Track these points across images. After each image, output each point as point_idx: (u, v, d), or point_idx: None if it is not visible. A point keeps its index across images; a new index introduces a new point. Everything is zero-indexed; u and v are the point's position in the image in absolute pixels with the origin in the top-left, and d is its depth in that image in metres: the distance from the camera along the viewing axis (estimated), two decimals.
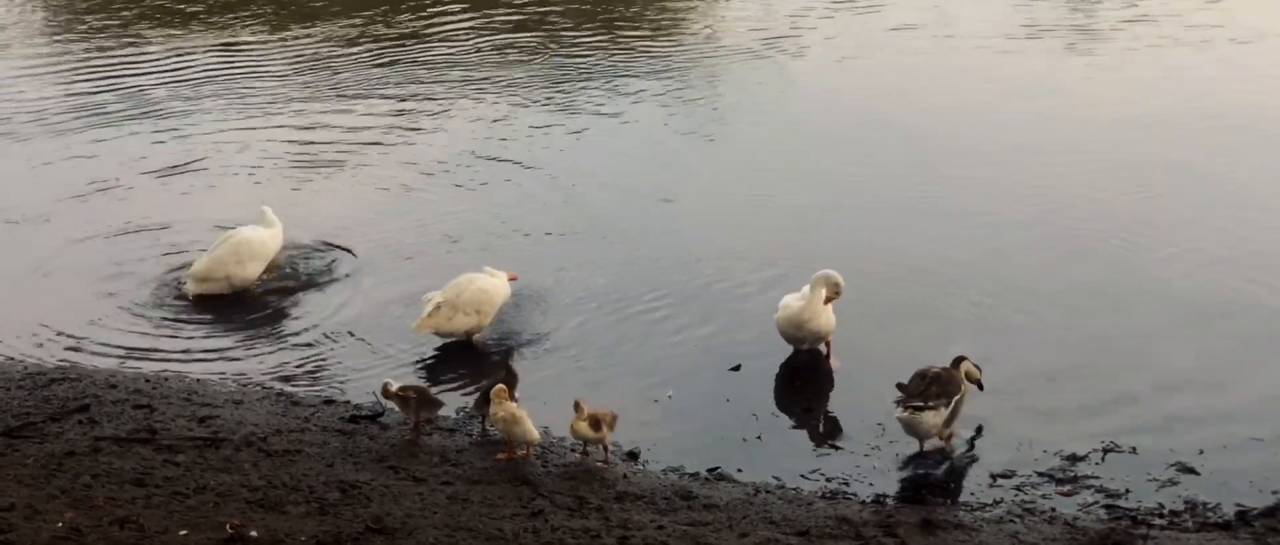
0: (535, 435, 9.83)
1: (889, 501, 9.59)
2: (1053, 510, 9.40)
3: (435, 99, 19.57)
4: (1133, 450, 10.15)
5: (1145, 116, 17.87)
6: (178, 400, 10.85)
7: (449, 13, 24.77)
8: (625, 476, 9.77)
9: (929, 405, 9.93)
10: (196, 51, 22.75)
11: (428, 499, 9.18)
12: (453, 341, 12.15)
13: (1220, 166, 15.97)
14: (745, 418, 10.82)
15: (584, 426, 9.79)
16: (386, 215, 15.24)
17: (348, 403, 11.01)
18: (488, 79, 20.61)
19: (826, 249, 13.47)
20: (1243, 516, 9.31)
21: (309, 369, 11.79)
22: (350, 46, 22.87)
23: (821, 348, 11.86)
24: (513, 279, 12.39)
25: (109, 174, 16.65)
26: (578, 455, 10.05)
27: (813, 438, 10.67)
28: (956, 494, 9.75)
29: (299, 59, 22.13)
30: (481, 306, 12.00)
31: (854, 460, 10.20)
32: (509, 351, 11.81)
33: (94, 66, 21.97)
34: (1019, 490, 9.72)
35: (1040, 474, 9.90)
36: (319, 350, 12.14)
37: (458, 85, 20.27)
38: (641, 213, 15.16)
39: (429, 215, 15.21)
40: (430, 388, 10.86)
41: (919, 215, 14.78)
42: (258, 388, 11.36)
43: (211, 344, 12.40)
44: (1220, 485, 9.69)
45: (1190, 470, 9.88)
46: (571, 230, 14.66)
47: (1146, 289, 12.95)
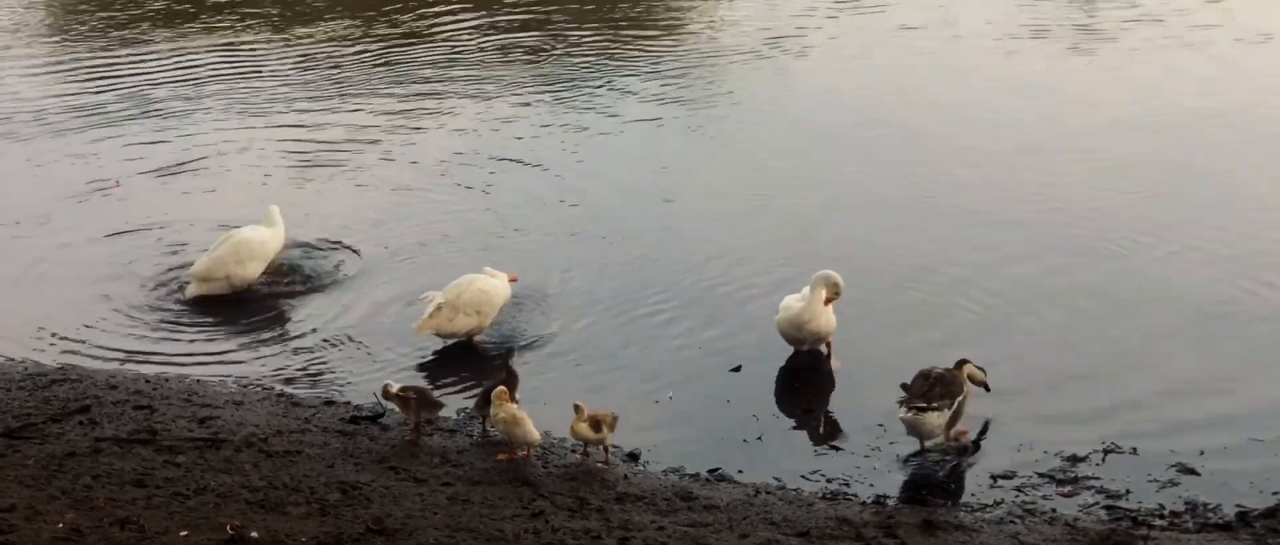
0: (536, 436, 9.83)
1: (890, 502, 9.58)
2: (1053, 511, 9.40)
3: (436, 99, 19.56)
4: (1133, 451, 10.15)
5: (1146, 116, 17.86)
6: (178, 401, 10.85)
7: (451, 13, 24.77)
8: (626, 477, 9.77)
9: (933, 406, 9.93)
10: (198, 51, 22.75)
11: (428, 500, 9.18)
12: (453, 342, 12.15)
13: (1221, 166, 15.96)
14: (746, 419, 10.82)
15: (584, 428, 9.80)
16: (387, 215, 15.24)
17: (348, 404, 11.01)
18: (490, 79, 20.61)
19: (827, 249, 13.48)
20: (1243, 517, 9.30)
21: (309, 370, 11.79)
22: (352, 46, 22.87)
23: (822, 348, 11.85)
24: (513, 280, 12.39)
25: (109, 174, 16.65)
26: (578, 456, 10.05)
27: (813, 438, 10.67)
28: (957, 495, 9.74)
29: (300, 59, 22.13)
30: (482, 307, 12.00)
31: (854, 461, 10.19)
32: (509, 352, 11.80)
33: (95, 66, 21.97)
34: (1020, 491, 9.72)
35: (1041, 475, 9.89)
36: (319, 351, 12.14)
37: (459, 85, 20.27)
38: (642, 213, 15.15)
39: (429, 215, 15.21)
40: (431, 388, 10.85)
41: (920, 216, 14.78)
42: (258, 389, 11.36)
43: (212, 345, 12.40)
44: (1221, 486, 9.68)
45: (1191, 471, 9.88)
46: (572, 231, 14.65)
47: (1147, 289, 12.94)
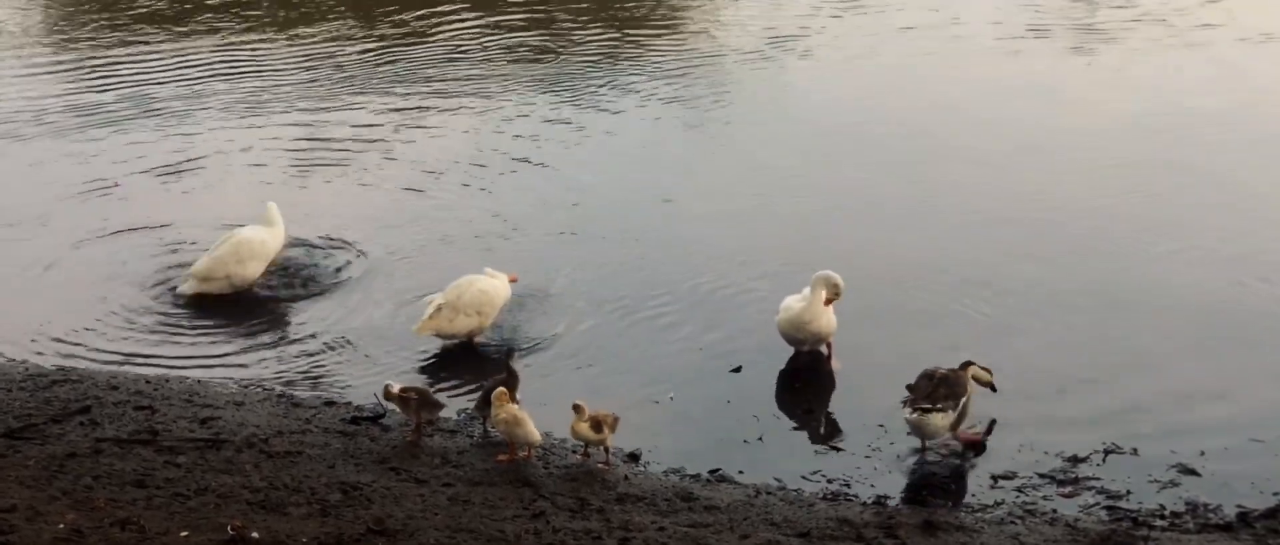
0: (536, 437, 9.83)
1: (890, 503, 9.59)
2: (1054, 512, 9.41)
3: (437, 99, 19.54)
4: (1134, 451, 10.16)
5: (1147, 117, 17.85)
6: (179, 402, 10.85)
7: (454, 12, 24.75)
8: (626, 478, 9.77)
9: (937, 407, 9.93)
10: (199, 51, 22.72)
11: (429, 500, 9.18)
12: (454, 343, 12.15)
13: (1222, 167, 15.96)
14: (746, 419, 10.82)
15: (585, 428, 9.80)
16: (388, 215, 15.23)
17: (349, 404, 11.01)
18: (492, 78, 20.59)
19: (828, 250, 13.46)
20: (1244, 518, 9.31)
21: (310, 370, 11.78)
22: (353, 46, 22.85)
23: (822, 349, 11.85)
24: (513, 281, 12.38)
25: (110, 174, 16.63)
26: (579, 457, 10.05)
27: (814, 439, 10.67)
28: (958, 495, 9.75)
29: (301, 58, 22.11)
30: (482, 308, 12.00)
31: (855, 461, 10.20)
32: (510, 353, 11.80)
33: (95, 66, 21.94)
34: (1020, 492, 9.72)
35: (1041, 475, 9.90)
36: (320, 352, 12.13)
37: (461, 85, 20.24)
38: (644, 213, 15.14)
39: (430, 215, 15.20)
40: (432, 389, 10.86)
41: (921, 215, 14.77)
42: (259, 389, 11.36)
43: (212, 345, 12.39)
44: (1221, 486, 9.69)
45: (1191, 471, 9.88)
46: (573, 231, 14.65)
47: (1148, 290, 12.95)
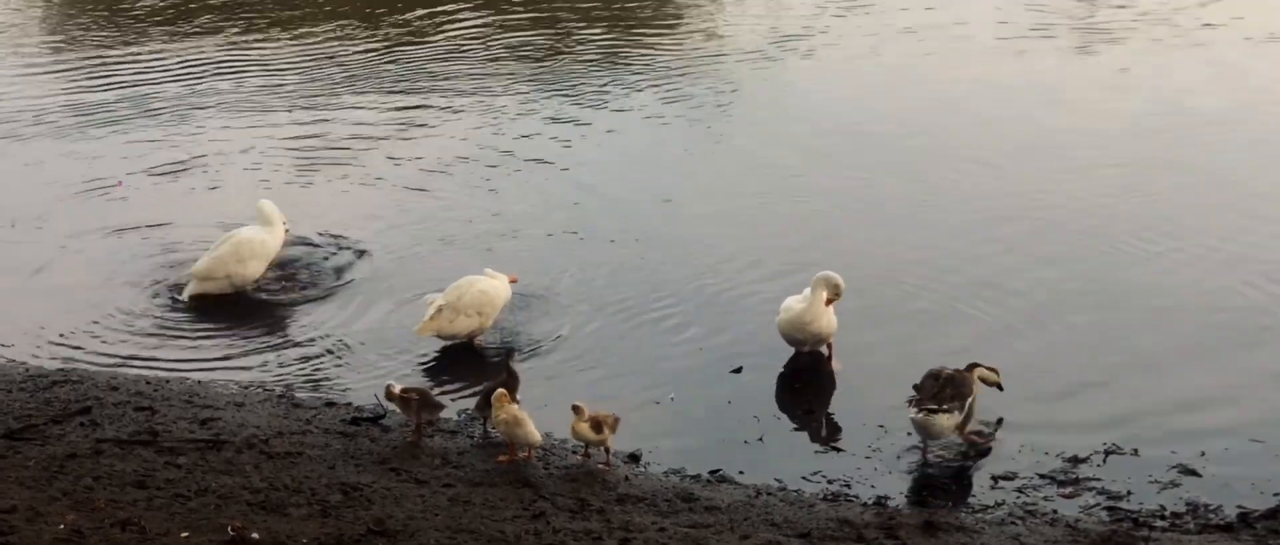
0: (537, 437, 9.82)
1: (891, 503, 9.58)
2: (1055, 512, 9.40)
3: (439, 98, 19.55)
4: (1134, 452, 10.15)
5: (1147, 117, 17.86)
6: (179, 402, 10.84)
7: (456, 12, 24.75)
8: (627, 478, 9.76)
9: (944, 408, 9.93)
10: (199, 50, 22.74)
11: (429, 501, 9.18)
12: (454, 344, 12.15)
13: (1223, 166, 15.98)
14: (747, 420, 10.81)
15: (585, 428, 9.80)
16: (389, 215, 15.23)
17: (349, 405, 11.00)
18: (494, 78, 20.60)
19: (828, 250, 13.48)
20: (1244, 518, 9.30)
21: (310, 371, 11.78)
22: (355, 45, 22.86)
23: (823, 350, 11.85)
24: (513, 281, 12.38)
25: (110, 174, 16.64)
26: (579, 457, 10.05)
27: (814, 439, 10.67)
28: (959, 496, 9.74)
29: (302, 58, 22.11)
30: (483, 308, 12.00)
31: (855, 462, 10.19)
32: (510, 354, 11.80)
33: (95, 66, 21.95)
34: (1021, 492, 9.71)
35: (1042, 476, 9.89)
36: (320, 352, 12.13)
37: (463, 84, 20.24)
38: (645, 214, 15.14)
39: (431, 215, 15.21)
40: (432, 390, 10.86)
41: (921, 216, 14.77)
42: (259, 390, 11.35)
43: (213, 345, 12.39)
44: (1222, 487, 9.69)
45: (1192, 472, 9.88)
46: (573, 231, 14.64)
47: (1148, 290, 12.95)
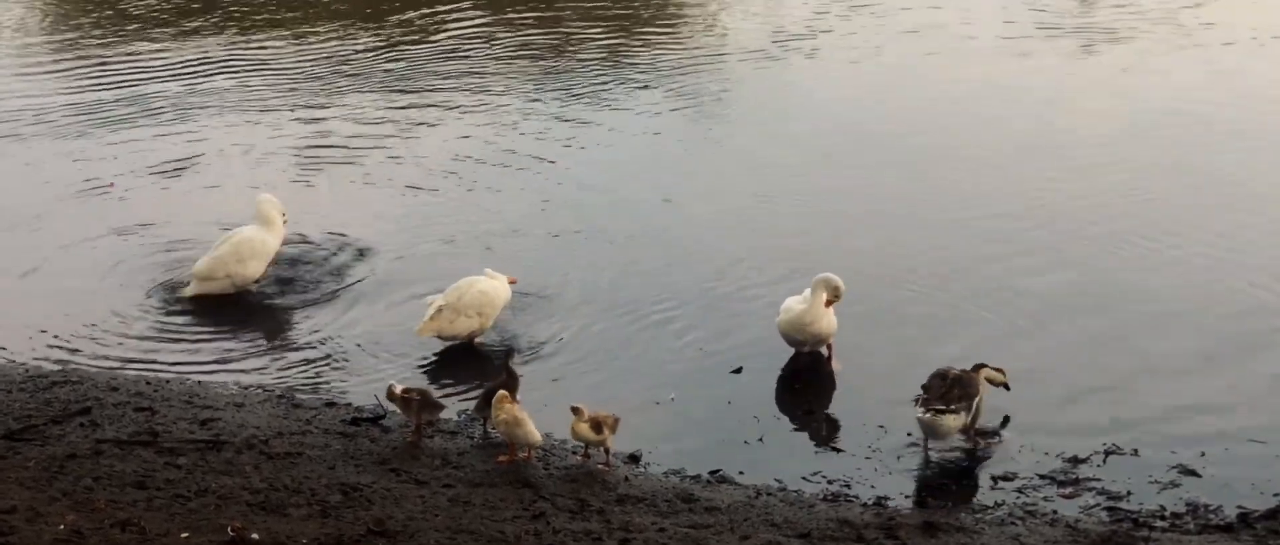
0: (537, 438, 9.82)
1: (891, 504, 9.58)
2: (1054, 512, 9.40)
3: (440, 98, 19.54)
4: (1134, 452, 10.15)
5: (1148, 117, 17.86)
6: (179, 403, 10.84)
7: (457, 12, 24.75)
8: (627, 479, 9.76)
9: (951, 408, 9.93)
10: (200, 50, 22.74)
11: (429, 501, 9.18)
12: (455, 344, 12.15)
13: (1223, 167, 15.98)
14: (747, 420, 10.81)
15: (585, 429, 9.79)
16: (389, 215, 15.23)
17: (349, 405, 11.00)
18: (496, 78, 20.60)
19: (829, 251, 13.48)
20: (1244, 518, 9.30)
21: (310, 372, 11.78)
22: (355, 45, 22.86)
23: (823, 350, 11.85)
24: (513, 282, 12.38)
25: (110, 174, 16.64)
26: (579, 458, 10.05)
27: (814, 440, 10.67)
28: (958, 496, 9.74)
29: (303, 58, 22.12)
30: (483, 309, 12.01)
31: (855, 462, 10.19)
32: (510, 354, 11.79)
33: (95, 66, 21.95)
34: (1021, 492, 9.71)
35: (1042, 476, 9.89)
36: (320, 353, 12.13)
37: (464, 84, 20.23)
38: (644, 215, 15.14)
39: (432, 216, 15.21)
40: (432, 390, 10.86)
41: (922, 217, 14.77)
42: (259, 390, 11.35)
43: (213, 346, 12.39)
44: (1222, 487, 9.68)
45: (1192, 472, 9.88)
46: (574, 231, 14.65)
47: (1148, 291, 12.94)
